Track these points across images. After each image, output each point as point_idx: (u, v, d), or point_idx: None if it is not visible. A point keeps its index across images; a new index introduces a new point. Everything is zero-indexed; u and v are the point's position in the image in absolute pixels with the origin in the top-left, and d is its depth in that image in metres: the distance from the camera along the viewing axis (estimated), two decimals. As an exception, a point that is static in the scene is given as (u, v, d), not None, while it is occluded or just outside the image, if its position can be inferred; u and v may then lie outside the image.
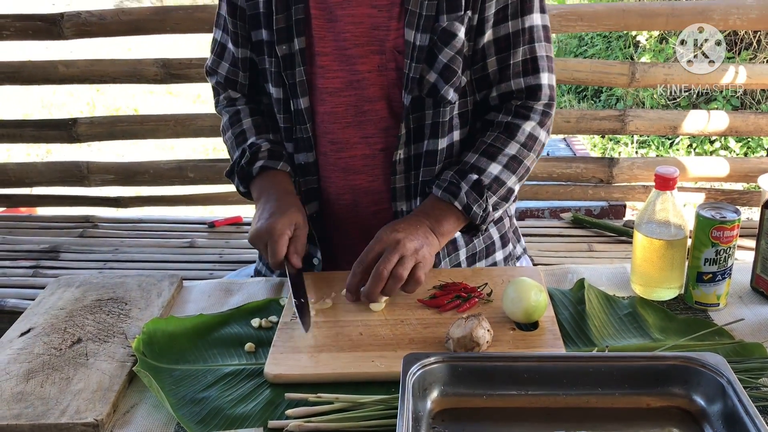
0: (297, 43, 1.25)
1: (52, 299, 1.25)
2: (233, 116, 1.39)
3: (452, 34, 1.21)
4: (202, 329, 1.15)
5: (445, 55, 1.21)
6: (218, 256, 2.58)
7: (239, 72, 1.37)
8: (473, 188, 1.22)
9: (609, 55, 5.62)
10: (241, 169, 1.31)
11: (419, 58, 1.21)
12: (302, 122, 1.30)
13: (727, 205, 1.15)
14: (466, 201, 1.21)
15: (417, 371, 0.91)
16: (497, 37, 1.25)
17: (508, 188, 1.26)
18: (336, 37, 1.25)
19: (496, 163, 1.24)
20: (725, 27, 2.60)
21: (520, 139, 1.26)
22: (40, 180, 2.94)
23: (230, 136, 1.38)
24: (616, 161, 2.80)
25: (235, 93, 1.42)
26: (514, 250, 1.47)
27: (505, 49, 1.26)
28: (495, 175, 1.24)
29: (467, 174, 1.23)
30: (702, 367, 0.90)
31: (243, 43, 1.34)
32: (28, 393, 1.01)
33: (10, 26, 2.63)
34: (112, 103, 6.05)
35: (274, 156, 1.31)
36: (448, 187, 1.22)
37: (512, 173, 1.26)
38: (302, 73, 1.27)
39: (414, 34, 1.21)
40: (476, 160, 1.25)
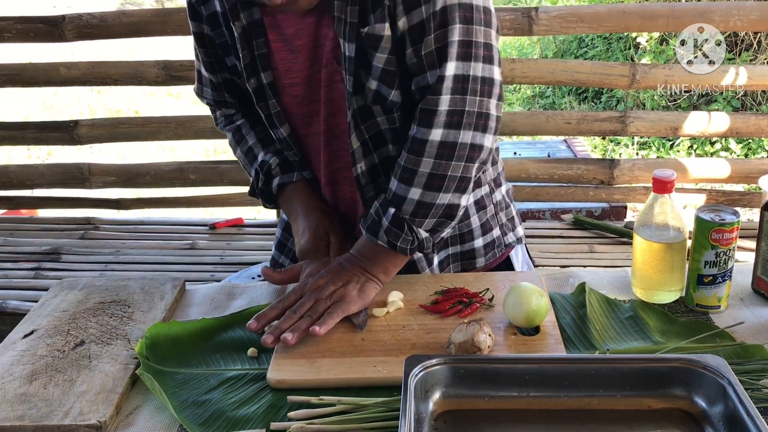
0: (264, 77, 1.23)
1: (55, 301, 1.26)
2: (236, 133, 1.39)
3: (377, 36, 1.10)
4: (205, 333, 1.15)
5: (379, 60, 1.12)
6: (219, 257, 2.59)
7: (224, 94, 1.36)
8: (392, 224, 1.14)
9: (609, 56, 5.62)
10: (261, 192, 1.34)
11: (350, 70, 1.14)
12: (288, 148, 1.30)
13: (727, 207, 1.15)
14: (386, 239, 1.15)
15: (419, 373, 0.91)
16: (411, 25, 1.10)
17: (445, 206, 1.14)
18: (299, 66, 1.21)
19: (414, 187, 1.13)
20: (726, 28, 2.60)
21: (431, 152, 1.11)
22: (41, 182, 2.95)
23: (240, 155, 1.39)
24: (617, 162, 2.80)
25: (229, 110, 1.40)
26: (504, 237, 1.39)
27: (419, 39, 1.10)
28: (417, 200, 1.13)
29: (388, 207, 1.15)
30: (703, 368, 0.90)
31: (220, 68, 1.31)
32: (31, 395, 1.01)
33: (11, 28, 2.64)
34: (113, 105, 6.06)
35: (285, 169, 1.32)
36: (371, 226, 1.17)
37: (438, 191, 1.13)
38: (275, 105, 1.25)
39: (345, 44, 1.13)
40: (396, 187, 1.15)
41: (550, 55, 6.17)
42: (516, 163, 2.82)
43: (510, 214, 1.44)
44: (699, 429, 0.89)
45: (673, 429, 0.89)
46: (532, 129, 2.77)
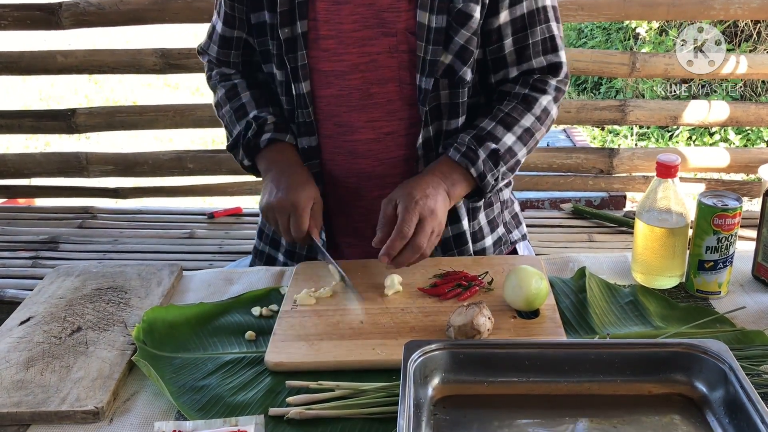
0: (299, 26, 1.24)
1: (51, 288, 1.25)
2: (230, 90, 1.37)
3: (468, 15, 1.20)
4: (203, 318, 1.15)
5: (462, 37, 1.21)
6: (218, 246, 2.58)
7: (231, 52, 1.37)
8: (490, 157, 1.22)
9: (609, 46, 5.60)
10: (247, 142, 1.30)
11: (436, 40, 1.21)
12: (304, 106, 1.29)
13: (729, 193, 1.15)
14: (482, 169, 1.21)
15: (418, 358, 0.90)
16: (513, 17, 1.25)
17: (517, 160, 1.27)
18: (342, 20, 1.24)
19: (511, 133, 1.25)
20: (726, 16, 2.59)
21: (536, 112, 1.27)
22: (39, 171, 2.93)
23: (228, 110, 1.36)
24: (617, 152, 2.79)
25: (229, 69, 1.41)
26: (509, 235, 1.45)
27: (522, 30, 1.26)
28: (509, 146, 1.24)
29: (484, 141, 1.23)
30: (704, 353, 0.90)
31: (239, 25, 1.33)
32: (28, 381, 1.00)
33: (8, 16, 2.62)
34: (110, 95, 6.04)
35: (280, 129, 1.31)
36: (466, 153, 1.21)
37: (524, 145, 1.27)
38: (304, 57, 1.26)
39: (428, 16, 1.20)
40: (493, 128, 1.24)
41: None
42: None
43: (513, 211, 1.49)
44: (699, 414, 0.89)
45: (674, 414, 0.89)
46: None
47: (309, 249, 1.38)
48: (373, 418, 0.92)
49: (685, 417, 0.88)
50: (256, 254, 1.47)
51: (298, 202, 1.18)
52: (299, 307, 1.13)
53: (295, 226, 1.18)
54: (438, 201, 1.16)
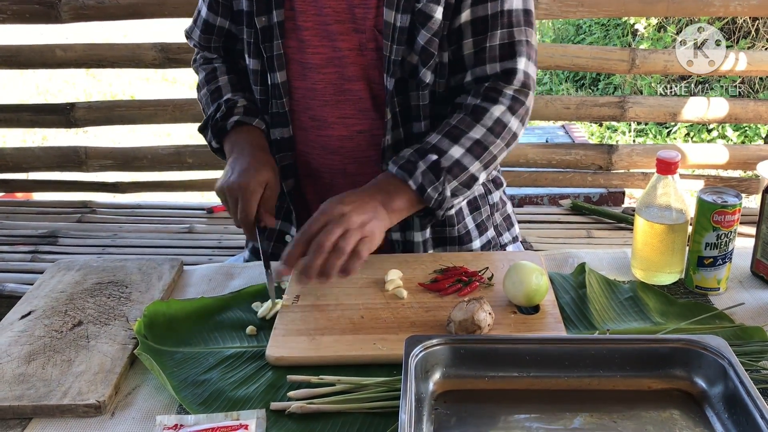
0: (276, 15, 1.23)
1: (52, 282, 1.25)
2: (209, 73, 1.38)
3: (428, 15, 1.17)
4: (204, 312, 1.15)
5: (423, 37, 1.18)
6: (217, 241, 2.58)
7: (212, 38, 1.37)
8: (430, 169, 1.14)
9: (607, 43, 5.61)
10: (215, 123, 1.28)
11: (400, 40, 1.18)
12: (278, 96, 1.28)
13: (729, 189, 1.15)
14: (421, 181, 1.13)
15: (419, 353, 0.91)
16: (474, 18, 1.20)
17: (471, 174, 1.18)
18: (318, 11, 1.22)
19: (458, 145, 1.17)
20: (726, 13, 2.59)
21: (487, 123, 1.19)
22: (37, 165, 2.93)
23: (205, 93, 1.36)
24: (616, 148, 2.80)
25: (211, 54, 1.41)
26: (499, 237, 1.43)
27: (482, 32, 1.20)
28: (456, 159, 1.16)
29: (426, 154, 1.15)
30: (703, 349, 0.90)
31: (223, 12, 1.33)
32: (29, 374, 1.01)
33: (7, 9, 2.61)
34: (108, 90, 6.02)
35: (249, 112, 1.29)
36: (405, 165, 1.14)
37: (476, 159, 1.18)
38: (280, 46, 1.25)
39: (394, 14, 1.17)
40: (438, 141, 1.17)
41: (548, 41, 6.15)
42: (514, 149, 2.81)
43: (505, 213, 1.46)
44: (699, 409, 0.89)
45: (673, 409, 0.89)
46: (532, 113, 2.75)
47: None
48: (374, 413, 0.92)
49: (685, 412, 0.88)
50: (254, 251, 1.47)
51: (247, 185, 1.15)
52: (300, 302, 1.14)
53: (241, 210, 1.15)
54: (359, 209, 1.07)
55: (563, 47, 2.67)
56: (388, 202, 1.12)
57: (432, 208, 1.16)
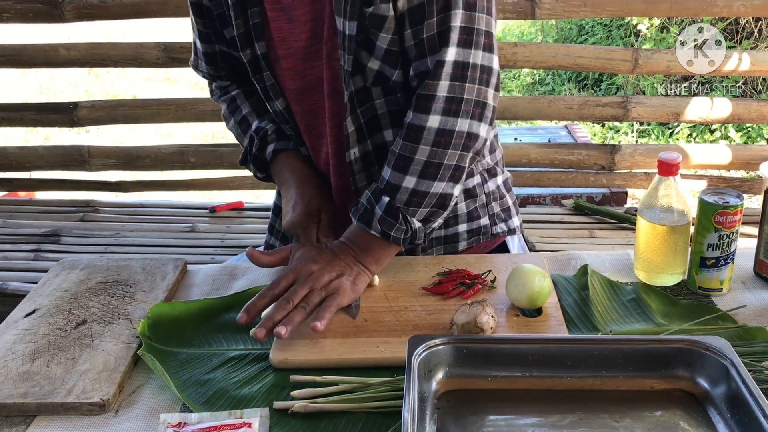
0: (258, 47, 1.22)
1: (56, 281, 1.25)
2: (230, 104, 1.38)
3: (382, 17, 1.10)
4: (207, 313, 1.15)
5: (383, 40, 1.11)
6: (219, 240, 2.58)
7: (218, 65, 1.35)
8: (387, 213, 1.11)
9: (610, 43, 5.60)
10: (254, 158, 1.32)
11: (350, 49, 1.12)
12: (285, 122, 1.29)
13: (731, 190, 1.15)
14: (380, 228, 1.12)
15: (422, 353, 0.91)
16: (411, 6, 1.09)
17: (439, 195, 1.13)
18: (296, 37, 1.20)
19: (409, 176, 1.11)
20: (729, 13, 2.59)
21: (429, 140, 1.10)
22: (40, 164, 2.93)
23: (233, 125, 1.37)
24: (618, 148, 2.80)
25: (224, 82, 1.40)
26: (493, 227, 1.37)
27: (419, 21, 1.09)
28: (411, 189, 1.11)
29: (381, 196, 1.12)
30: (706, 350, 0.91)
31: (217, 39, 1.30)
32: (34, 372, 1.01)
33: (10, 8, 2.62)
34: (110, 89, 6.03)
35: (282, 136, 1.31)
36: (363, 215, 1.13)
37: (433, 180, 1.11)
38: (269, 77, 1.24)
39: (343, 22, 1.11)
40: (390, 176, 1.12)
41: (551, 41, 6.15)
42: (517, 149, 2.82)
43: (505, 204, 1.41)
44: (701, 410, 0.89)
45: (676, 410, 0.89)
46: (534, 114, 2.76)
47: None
48: (377, 412, 0.92)
49: (687, 412, 0.89)
50: (269, 248, 1.47)
51: (301, 222, 1.21)
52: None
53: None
54: (329, 268, 1.10)
55: (566, 47, 2.67)
56: (362, 257, 1.14)
57: (410, 242, 1.16)
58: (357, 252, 1.14)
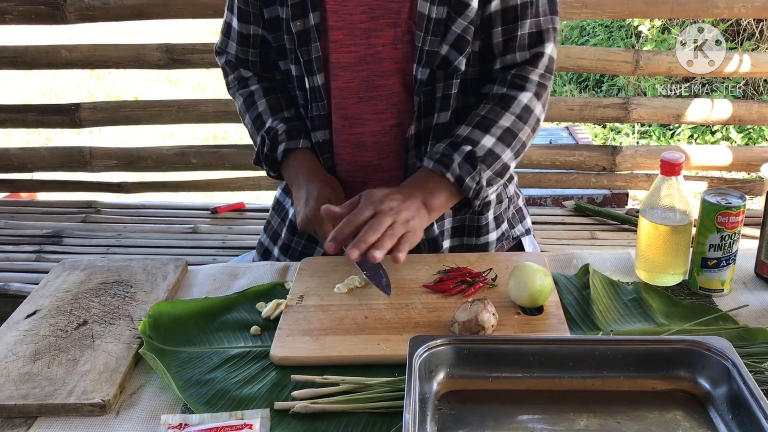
0: (312, 18, 1.24)
1: (57, 282, 1.25)
2: (247, 99, 1.39)
3: (466, 3, 1.19)
4: (208, 312, 1.15)
5: (459, 26, 1.20)
6: (221, 241, 2.58)
7: (249, 50, 1.37)
8: (466, 160, 1.18)
9: (611, 44, 5.61)
10: (266, 158, 1.33)
11: (435, 31, 1.20)
12: (319, 99, 1.29)
13: (733, 191, 1.15)
14: (458, 173, 1.17)
15: (423, 353, 0.91)
16: (505, 7, 1.23)
17: (503, 163, 1.22)
18: (350, 10, 1.23)
19: (489, 135, 1.20)
20: (730, 15, 2.59)
21: (515, 111, 1.22)
22: (42, 165, 2.94)
23: (249, 121, 1.38)
24: (619, 149, 2.80)
25: (247, 72, 1.41)
26: (512, 230, 1.45)
27: (512, 21, 1.23)
28: (489, 148, 1.20)
29: (460, 146, 1.19)
30: (707, 350, 0.91)
31: (255, 20, 1.33)
32: (35, 374, 1.01)
33: (12, 10, 2.62)
34: (112, 90, 6.04)
35: (292, 135, 1.32)
36: (440, 159, 1.18)
37: (507, 147, 1.21)
38: (318, 48, 1.25)
39: (428, 6, 1.19)
40: (469, 133, 1.20)
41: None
42: (518, 150, 2.82)
43: (518, 206, 1.47)
44: (702, 410, 0.89)
45: (677, 410, 0.89)
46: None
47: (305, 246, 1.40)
48: (378, 413, 0.92)
49: (688, 413, 0.89)
50: (260, 247, 1.48)
51: (314, 217, 1.21)
52: (304, 302, 1.14)
53: (321, 239, 1.21)
54: (405, 205, 1.12)
55: (567, 48, 2.67)
56: (429, 200, 1.17)
57: (470, 199, 1.20)
58: (426, 195, 1.16)
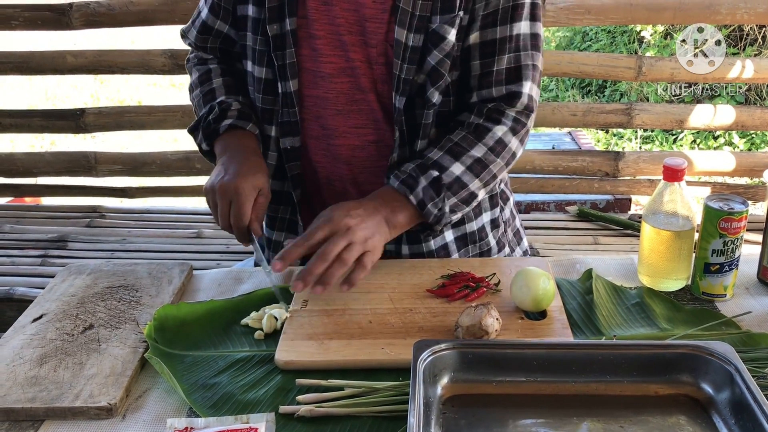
0: (288, 23, 1.22)
1: (63, 286, 1.26)
2: (203, 74, 1.36)
3: (441, 36, 1.18)
4: (213, 316, 1.16)
5: (434, 58, 1.18)
6: (225, 246, 2.59)
7: (209, 38, 1.35)
8: (431, 185, 1.17)
9: (613, 50, 5.61)
10: (207, 125, 1.27)
11: (411, 59, 1.18)
12: (290, 105, 1.27)
13: (735, 196, 1.16)
14: (421, 197, 1.16)
15: (428, 357, 0.91)
16: (483, 41, 1.21)
17: (470, 192, 1.21)
18: (331, 21, 1.22)
19: (459, 163, 1.19)
20: (732, 21, 2.60)
21: (488, 143, 1.21)
22: (47, 170, 2.95)
23: (198, 94, 1.34)
24: (622, 155, 2.80)
25: (207, 54, 1.40)
26: (512, 253, 1.44)
27: (490, 55, 1.22)
28: (456, 176, 1.19)
29: (428, 169, 1.18)
30: (710, 355, 0.91)
31: (224, 15, 1.31)
32: (42, 377, 1.02)
33: (19, 16, 2.64)
34: (115, 95, 6.06)
35: (243, 116, 1.28)
36: (406, 180, 1.17)
37: (475, 177, 1.20)
38: (293, 54, 1.24)
39: (406, 34, 1.18)
40: (440, 158, 1.20)
41: (554, 48, 6.16)
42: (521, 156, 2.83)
43: (515, 227, 1.47)
44: (705, 415, 0.89)
45: (680, 415, 0.90)
46: (538, 120, 2.77)
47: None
48: (382, 417, 0.93)
49: (691, 418, 0.89)
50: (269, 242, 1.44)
51: (241, 189, 1.15)
52: (308, 307, 1.15)
53: (235, 214, 1.15)
54: (364, 224, 1.10)
55: (570, 54, 2.68)
56: (391, 218, 1.16)
57: (430, 223, 1.19)
58: (388, 213, 1.15)
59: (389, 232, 1.16)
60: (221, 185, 1.16)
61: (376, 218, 1.13)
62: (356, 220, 1.10)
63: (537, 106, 1.28)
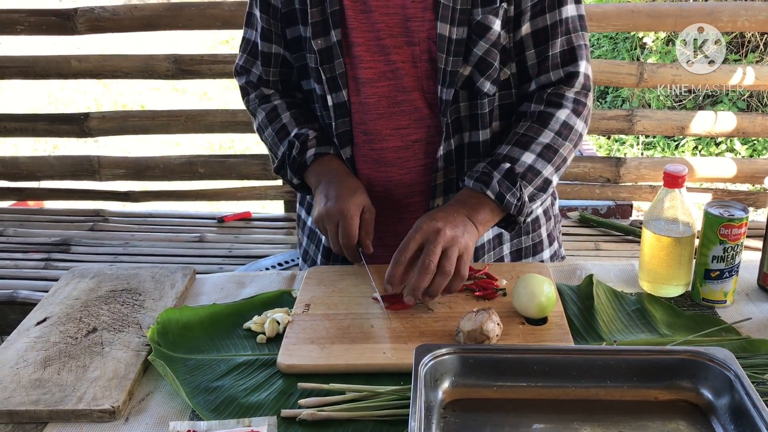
0: (334, 35, 1.24)
1: (67, 290, 1.27)
2: (270, 113, 1.37)
3: (486, 27, 1.20)
4: (216, 319, 1.16)
5: (480, 48, 1.21)
6: (228, 250, 2.60)
7: (270, 70, 1.36)
8: (506, 177, 1.18)
9: (615, 56, 5.63)
10: (293, 161, 1.30)
11: (456, 52, 1.21)
12: (344, 115, 1.29)
13: (736, 203, 1.16)
14: (498, 190, 1.17)
15: (429, 362, 0.92)
16: (535, 29, 1.24)
17: (545, 178, 1.23)
18: (370, 27, 1.24)
19: (529, 152, 1.21)
20: (734, 28, 2.61)
21: (554, 128, 1.23)
22: (51, 174, 2.97)
23: (270, 133, 1.36)
24: (624, 161, 2.81)
25: (269, 90, 1.40)
26: (560, 249, 1.46)
27: (544, 42, 1.25)
28: (529, 164, 1.21)
29: (499, 164, 1.20)
30: (710, 361, 0.91)
31: (276, 40, 1.33)
32: (45, 380, 1.02)
33: (24, 21, 2.66)
34: (119, 99, 6.08)
35: (322, 142, 1.31)
36: (480, 177, 1.19)
37: (547, 162, 1.22)
38: (341, 65, 1.26)
39: (449, 27, 1.20)
40: (509, 151, 1.22)
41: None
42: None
43: (559, 227, 1.48)
44: (705, 420, 0.90)
45: (680, 420, 0.90)
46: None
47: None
48: (383, 421, 0.93)
49: (691, 423, 0.89)
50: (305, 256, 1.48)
51: (346, 210, 1.19)
52: (310, 311, 1.15)
53: (343, 234, 1.19)
54: (459, 228, 1.13)
55: (572, 60, 2.68)
56: (473, 215, 1.17)
57: (513, 215, 1.20)
58: (469, 211, 1.17)
59: (476, 229, 1.17)
60: (327, 211, 1.21)
61: (459, 217, 1.15)
62: (442, 222, 1.12)
63: (592, 85, 1.30)
